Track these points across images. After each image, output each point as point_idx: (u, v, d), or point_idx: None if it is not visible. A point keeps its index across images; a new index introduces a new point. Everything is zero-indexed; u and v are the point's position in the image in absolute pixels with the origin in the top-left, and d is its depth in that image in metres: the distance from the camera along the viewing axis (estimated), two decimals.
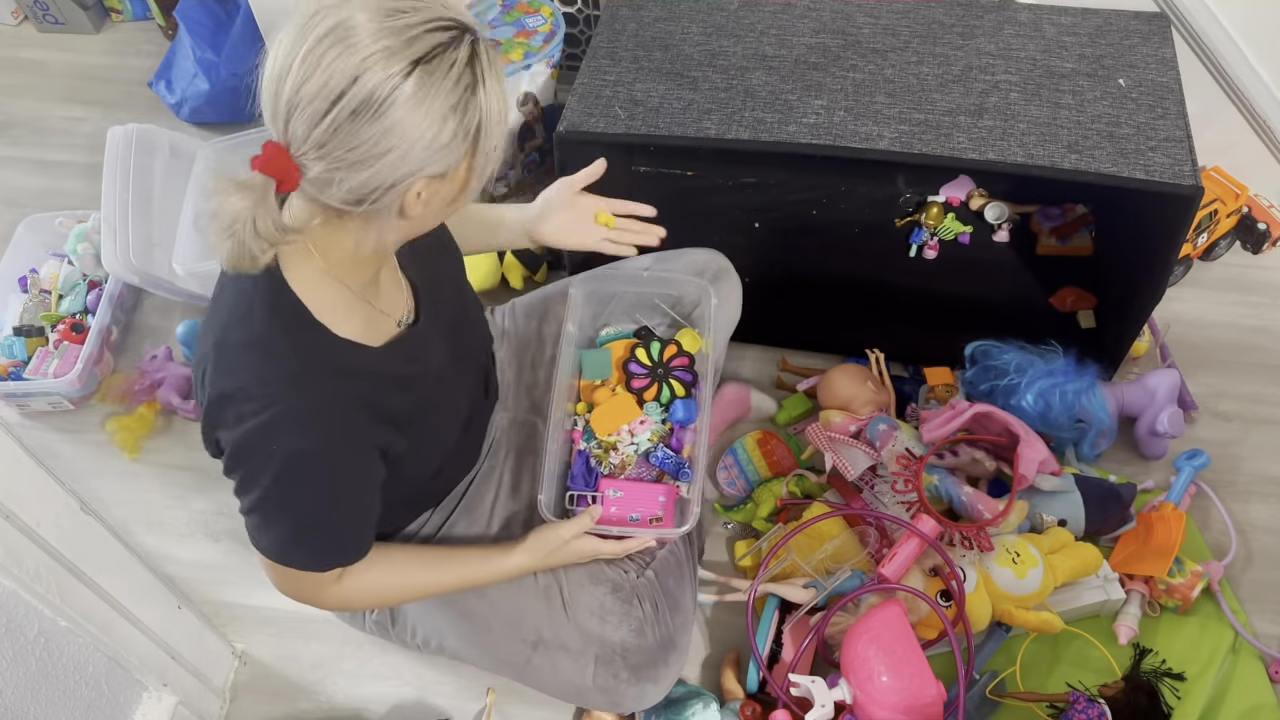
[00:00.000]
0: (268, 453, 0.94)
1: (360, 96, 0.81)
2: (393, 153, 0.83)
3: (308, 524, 1.01)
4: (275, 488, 0.96)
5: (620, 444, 1.34)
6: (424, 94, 0.82)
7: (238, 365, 0.94)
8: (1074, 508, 1.42)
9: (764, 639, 1.33)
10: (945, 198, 1.88)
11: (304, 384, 0.95)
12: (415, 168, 0.85)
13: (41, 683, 1.08)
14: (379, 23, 0.81)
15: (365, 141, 0.82)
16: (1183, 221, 1.36)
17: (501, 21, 1.75)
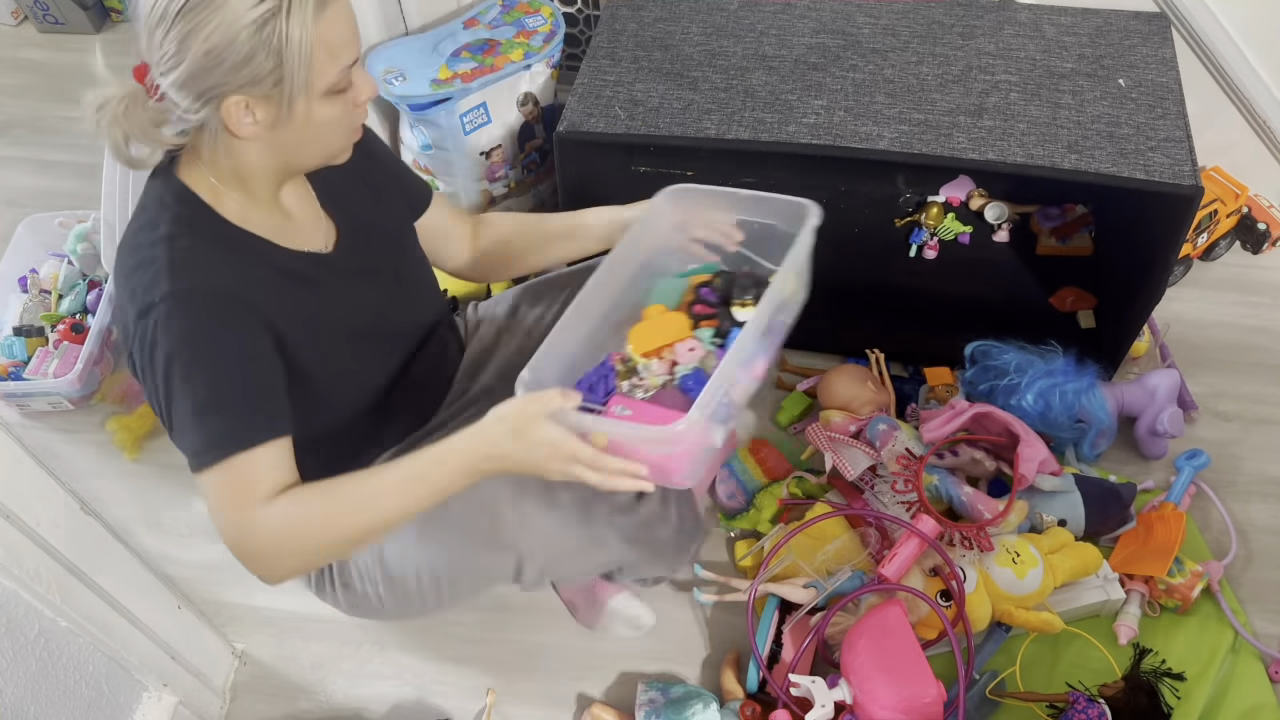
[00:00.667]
0: (151, 329, 0.94)
1: (165, 1, 0.89)
2: (193, 59, 0.90)
3: (211, 395, 0.95)
4: (170, 367, 0.94)
5: (653, 366, 1.13)
6: (220, 5, 0.88)
7: (128, 254, 0.99)
8: (1074, 508, 1.42)
9: (764, 639, 1.33)
10: (945, 198, 1.88)
11: (175, 242, 0.97)
12: (222, 81, 0.91)
13: (41, 683, 1.08)
14: None
15: (170, 45, 0.90)
16: (1183, 221, 1.36)
17: (501, 21, 1.75)
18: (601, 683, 1.40)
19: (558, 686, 1.40)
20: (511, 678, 1.41)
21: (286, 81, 0.93)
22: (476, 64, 1.68)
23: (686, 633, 1.44)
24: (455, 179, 1.78)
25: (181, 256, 0.96)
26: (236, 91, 0.92)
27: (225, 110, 0.94)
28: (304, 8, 0.91)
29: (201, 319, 0.95)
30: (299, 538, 0.97)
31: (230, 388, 0.96)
